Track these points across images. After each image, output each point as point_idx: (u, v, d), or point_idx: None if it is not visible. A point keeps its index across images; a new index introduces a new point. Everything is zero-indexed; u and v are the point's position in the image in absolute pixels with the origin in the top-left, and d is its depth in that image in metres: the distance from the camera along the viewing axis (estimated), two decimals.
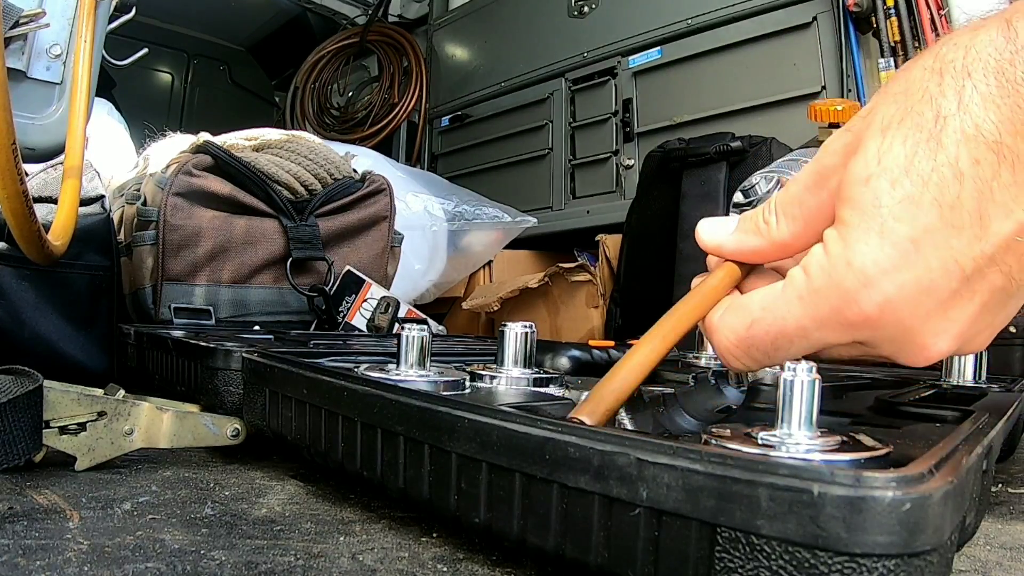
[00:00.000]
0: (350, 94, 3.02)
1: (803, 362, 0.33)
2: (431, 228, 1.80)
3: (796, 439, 0.32)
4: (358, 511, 0.48)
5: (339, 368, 0.52)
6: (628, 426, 0.45)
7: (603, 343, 0.73)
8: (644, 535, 0.28)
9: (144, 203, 1.12)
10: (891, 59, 1.47)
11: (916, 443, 0.37)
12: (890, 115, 0.32)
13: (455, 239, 1.87)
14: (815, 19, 1.64)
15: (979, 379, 0.65)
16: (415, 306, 1.60)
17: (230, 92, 3.24)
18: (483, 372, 0.52)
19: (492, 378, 0.51)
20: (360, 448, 0.44)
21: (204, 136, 1.20)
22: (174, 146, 1.28)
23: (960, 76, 0.31)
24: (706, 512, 0.26)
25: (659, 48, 1.95)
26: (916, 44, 1.45)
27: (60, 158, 0.87)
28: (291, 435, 0.52)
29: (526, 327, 0.53)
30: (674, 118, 1.89)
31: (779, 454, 0.31)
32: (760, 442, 0.32)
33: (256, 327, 1.11)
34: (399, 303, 1.24)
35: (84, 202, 0.89)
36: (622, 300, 1.65)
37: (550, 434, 0.31)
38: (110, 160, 1.43)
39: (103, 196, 0.97)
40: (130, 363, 0.91)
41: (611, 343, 0.74)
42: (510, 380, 0.51)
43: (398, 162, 2.33)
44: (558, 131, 2.22)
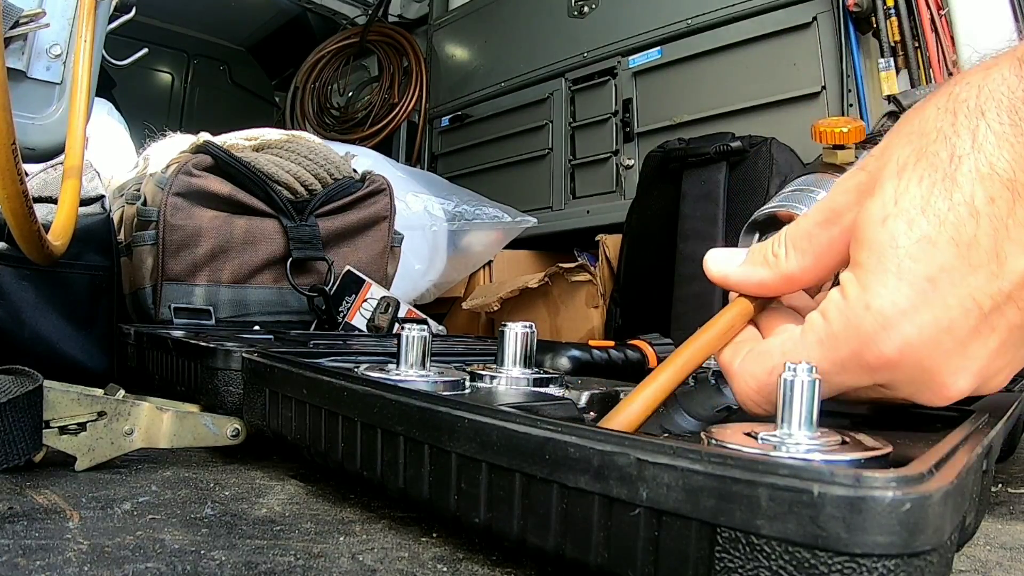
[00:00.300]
0: (350, 94, 3.02)
1: (803, 362, 0.33)
2: (431, 228, 1.80)
3: (796, 439, 0.32)
4: (358, 511, 0.48)
5: (339, 368, 0.52)
6: None
7: (603, 343, 0.73)
8: (644, 535, 0.28)
9: (144, 203, 1.12)
10: (891, 59, 1.47)
11: (916, 443, 0.38)
12: (905, 156, 0.33)
13: (455, 239, 1.87)
14: (815, 19, 1.63)
15: None
16: (415, 306, 1.60)
17: (230, 92, 3.23)
18: (483, 372, 0.52)
19: (492, 378, 0.51)
20: (360, 448, 0.44)
21: (204, 136, 1.20)
22: (174, 146, 1.27)
23: (974, 116, 0.31)
24: (706, 512, 0.26)
25: (659, 48, 1.95)
26: (916, 44, 1.45)
27: (60, 158, 0.87)
28: (291, 435, 0.52)
29: (526, 327, 0.53)
30: (674, 118, 1.89)
31: (779, 454, 0.31)
32: (760, 442, 0.32)
33: (256, 327, 1.11)
34: (399, 303, 1.23)
35: (84, 202, 0.89)
36: (622, 300, 1.65)
37: (550, 434, 0.31)
38: (110, 160, 1.43)
39: (103, 196, 0.97)
40: (130, 363, 0.91)
41: (611, 343, 0.74)
42: (510, 380, 0.51)
43: (398, 162, 2.33)
44: (558, 131, 2.21)
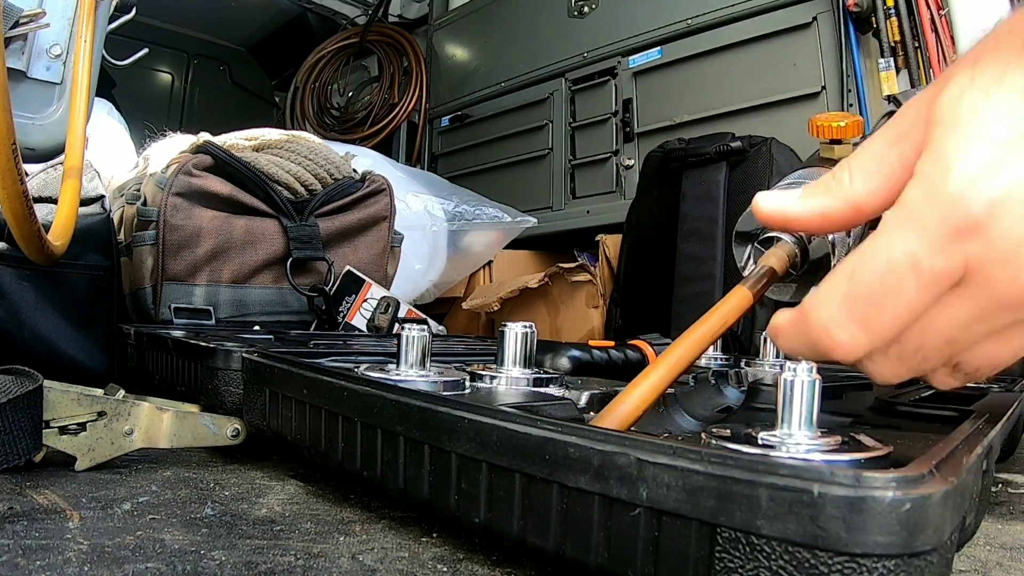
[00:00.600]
0: (350, 94, 3.01)
1: (803, 362, 0.33)
2: (431, 228, 1.80)
3: (796, 439, 0.32)
4: (358, 511, 0.48)
5: (339, 368, 0.52)
6: None
7: (603, 343, 0.73)
8: (644, 535, 0.28)
9: (144, 203, 1.12)
10: (891, 59, 1.47)
11: (916, 443, 0.38)
12: (977, 51, 0.32)
13: (455, 239, 1.87)
14: (815, 19, 1.63)
15: None
16: (415, 306, 1.60)
17: (230, 92, 3.23)
18: (483, 372, 0.52)
19: (492, 378, 0.51)
20: (360, 448, 0.44)
21: (204, 136, 1.20)
22: (174, 146, 1.27)
23: None
24: (706, 512, 0.26)
25: (659, 48, 1.95)
26: (916, 44, 1.45)
27: (60, 158, 0.87)
28: (291, 435, 0.52)
29: (526, 327, 0.53)
30: (674, 118, 1.89)
31: (779, 454, 0.31)
32: (760, 442, 0.32)
33: (256, 327, 1.11)
34: (399, 303, 1.23)
35: (84, 202, 0.89)
36: (622, 300, 1.65)
37: (550, 434, 0.31)
38: (110, 160, 1.42)
39: (103, 196, 0.97)
40: (130, 363, 0.91)
41: (611, 343, 0.74)
42: (510, 380, 0.51)
43: (398, 162, 2.33)
44: (558, 131, 2.21)
